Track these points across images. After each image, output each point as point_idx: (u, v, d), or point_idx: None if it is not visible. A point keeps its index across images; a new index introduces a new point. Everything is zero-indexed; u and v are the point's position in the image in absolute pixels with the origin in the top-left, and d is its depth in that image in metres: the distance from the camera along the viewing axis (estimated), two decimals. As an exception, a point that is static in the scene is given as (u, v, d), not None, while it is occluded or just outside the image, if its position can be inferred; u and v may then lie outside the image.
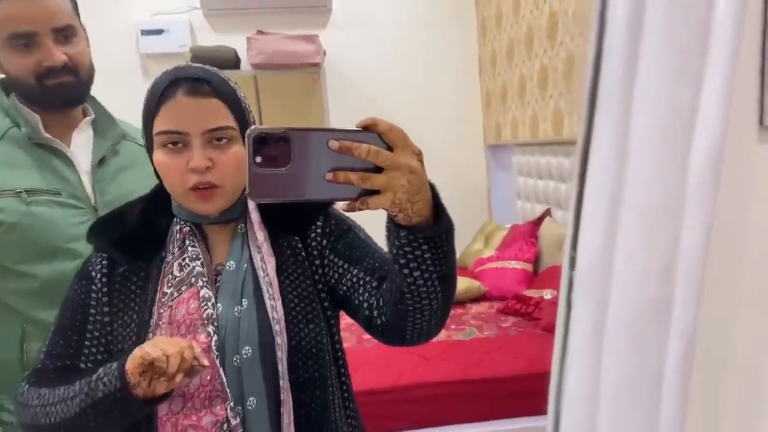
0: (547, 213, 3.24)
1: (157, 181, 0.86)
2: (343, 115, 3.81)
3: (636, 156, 0.27)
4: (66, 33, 1.00)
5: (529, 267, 2.97)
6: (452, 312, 3.00)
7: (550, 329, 2.31)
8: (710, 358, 0.28)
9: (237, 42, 3.70)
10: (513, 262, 3.00)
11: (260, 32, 3.66)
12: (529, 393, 1.98)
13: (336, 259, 0.86)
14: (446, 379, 1.99)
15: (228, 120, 0.80)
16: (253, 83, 3.62)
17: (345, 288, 0.85)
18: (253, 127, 0.59)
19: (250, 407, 0.78)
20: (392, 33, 4.06)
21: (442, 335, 2.42)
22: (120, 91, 2.10)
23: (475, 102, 4.26)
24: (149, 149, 0.82)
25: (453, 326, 2.54)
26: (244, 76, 3.63)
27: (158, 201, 0.88)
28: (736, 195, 0.29)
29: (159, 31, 3.64)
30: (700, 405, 0.28)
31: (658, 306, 0.27)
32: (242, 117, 0.82)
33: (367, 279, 0.83)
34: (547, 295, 2.53)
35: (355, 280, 0.84)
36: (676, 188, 0.27)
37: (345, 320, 0.94)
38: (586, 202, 0.27)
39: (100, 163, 1.08)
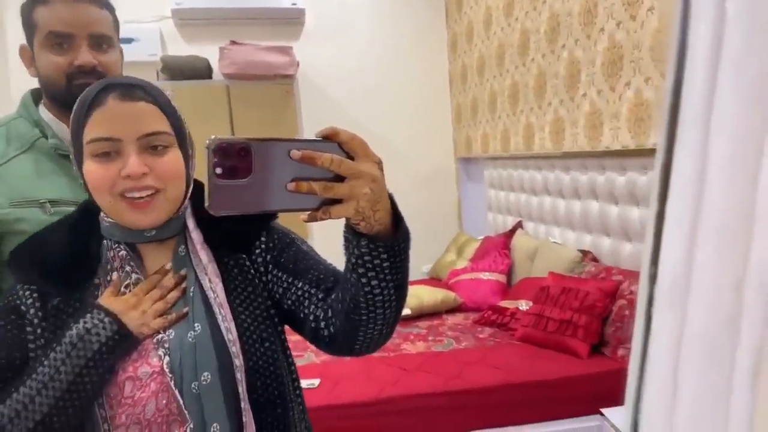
0: (518, 225, 3.31)
1: None
2: (316, 126, 3.78)
3: (712, 180, 0.29)
4: (101, 41, 1.05)
5: (502, 278, 3.02)
6: (429, 323, 2.99)
7: (525, 340, 2.35)
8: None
9: (209, 52, 3.67)
10: (487, 273, 3.05)
11: (233, 42, 3.63)
12: (510, 403, 2.02)
13: (280, 274, 0.85)
14: (429, 391, 2.01)
15: (164, 125, 0.76)
16: (225, 93, 3.59)
17: (290, 302, 0.84)
18: (213, 137, 0.58)
19: None
20: (365, 46, 4.10)
21: (421, 346, 2.44)
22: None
23: (446, 115, 4.33)
24: (79, 162, 0.78)
25: (431, 337, 2.56)
26: (216, 86, 3.60)
27: (85, 222, 0.82)
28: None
29: (129, 40, 3.58)
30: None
31: (729, 321, 0.29)
32: (178, 126, 0.79)
33: (313, 291, 0.82)
34: (523, 306, 2.58)
35: (300, 293, 0.83)
36: (747, 210, 0.29)
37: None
38: (668, 222, 0.30)
39: None
